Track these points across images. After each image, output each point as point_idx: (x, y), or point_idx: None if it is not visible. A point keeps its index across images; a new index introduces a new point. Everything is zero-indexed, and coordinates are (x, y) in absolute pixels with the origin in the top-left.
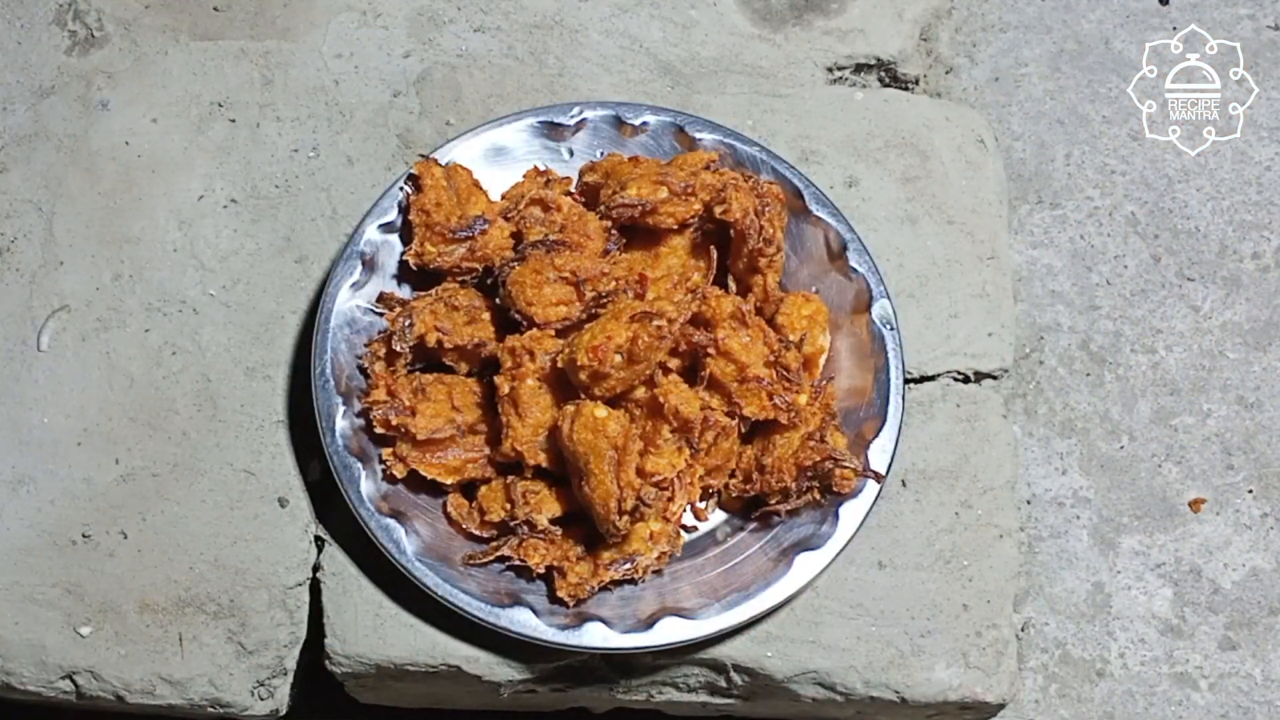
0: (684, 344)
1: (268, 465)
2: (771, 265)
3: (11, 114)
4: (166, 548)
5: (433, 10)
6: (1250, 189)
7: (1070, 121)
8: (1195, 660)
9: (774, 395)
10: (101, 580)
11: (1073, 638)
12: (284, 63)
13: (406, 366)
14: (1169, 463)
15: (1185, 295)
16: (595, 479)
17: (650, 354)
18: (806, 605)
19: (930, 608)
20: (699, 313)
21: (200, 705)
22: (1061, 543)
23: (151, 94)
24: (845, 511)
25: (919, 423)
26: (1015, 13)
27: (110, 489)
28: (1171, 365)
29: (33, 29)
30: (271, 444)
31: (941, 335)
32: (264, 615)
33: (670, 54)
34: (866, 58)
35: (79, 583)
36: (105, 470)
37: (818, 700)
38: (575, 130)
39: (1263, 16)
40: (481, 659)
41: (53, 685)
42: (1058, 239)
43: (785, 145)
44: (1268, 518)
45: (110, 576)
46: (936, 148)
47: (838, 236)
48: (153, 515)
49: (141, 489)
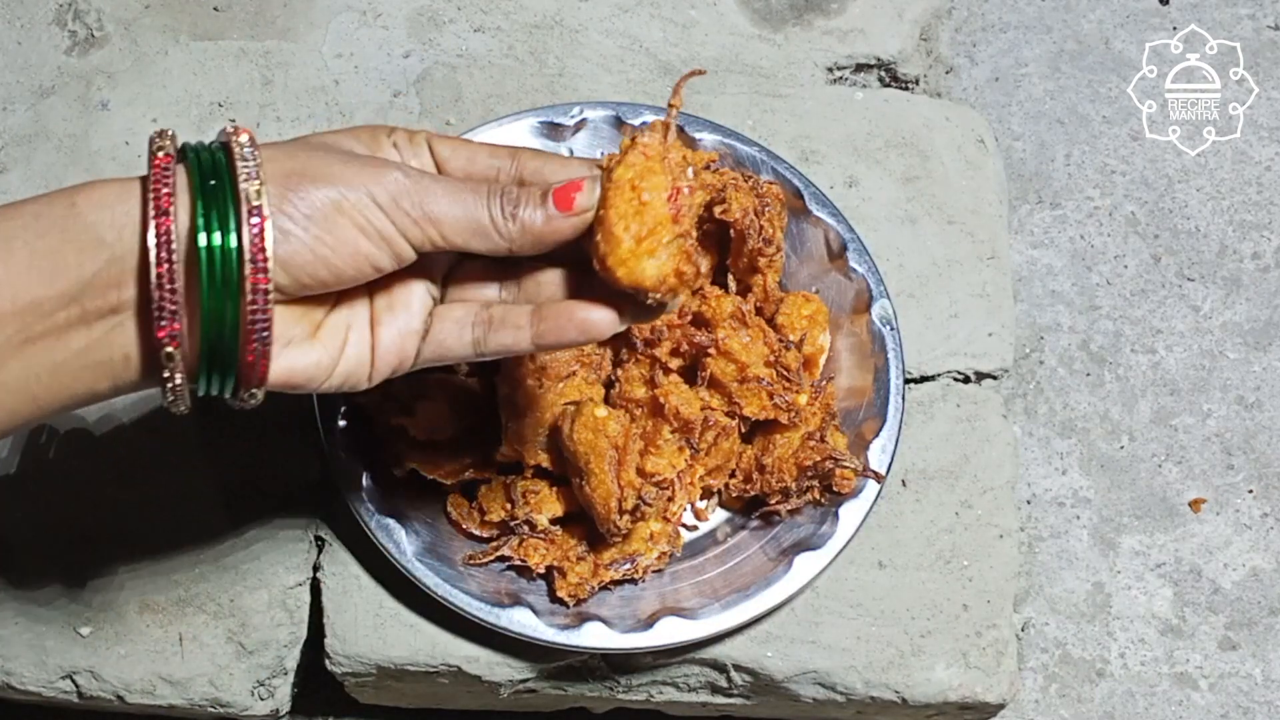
0: (684, 344)
1: (267, 465)
2: (771, 265)
3: (11, 114)
4: (166, 547)
5: (433, 10)
6: (1250, 189)
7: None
8: (1195, 660)
9: (774, 395)
10: (101, 580)
11: (1073, 638)
12: (284, 63)
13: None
14: (1169, 463)
15: (1185, 295)
16: (595, 479)
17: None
18: (806, 605)
19: (930, 608)
20: (699, 313)
21: (200, 705)
22: (1061, 543)
23: (151, 94)
24: (845, 511)
25: (919, 423)
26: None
27: (110, 488)
28: (1172, 365)
29: (33, 29)
30: (271, 444)
31: (941, 335)
32: (264, 615)
33: (670, 54)
34: (867, 58)
35: (79, 583)
36: (105, 469)
37: (818, 700)
38: (575, 130)
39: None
40: (481, 659)
41: (53, 685)
42: (1058, 239)
43: (785, 145)
44: (1268, 518)
45: (110, 576)
46: (936, 148)
47: (838, 236)
48: (152, 515)
49: (140, 488)
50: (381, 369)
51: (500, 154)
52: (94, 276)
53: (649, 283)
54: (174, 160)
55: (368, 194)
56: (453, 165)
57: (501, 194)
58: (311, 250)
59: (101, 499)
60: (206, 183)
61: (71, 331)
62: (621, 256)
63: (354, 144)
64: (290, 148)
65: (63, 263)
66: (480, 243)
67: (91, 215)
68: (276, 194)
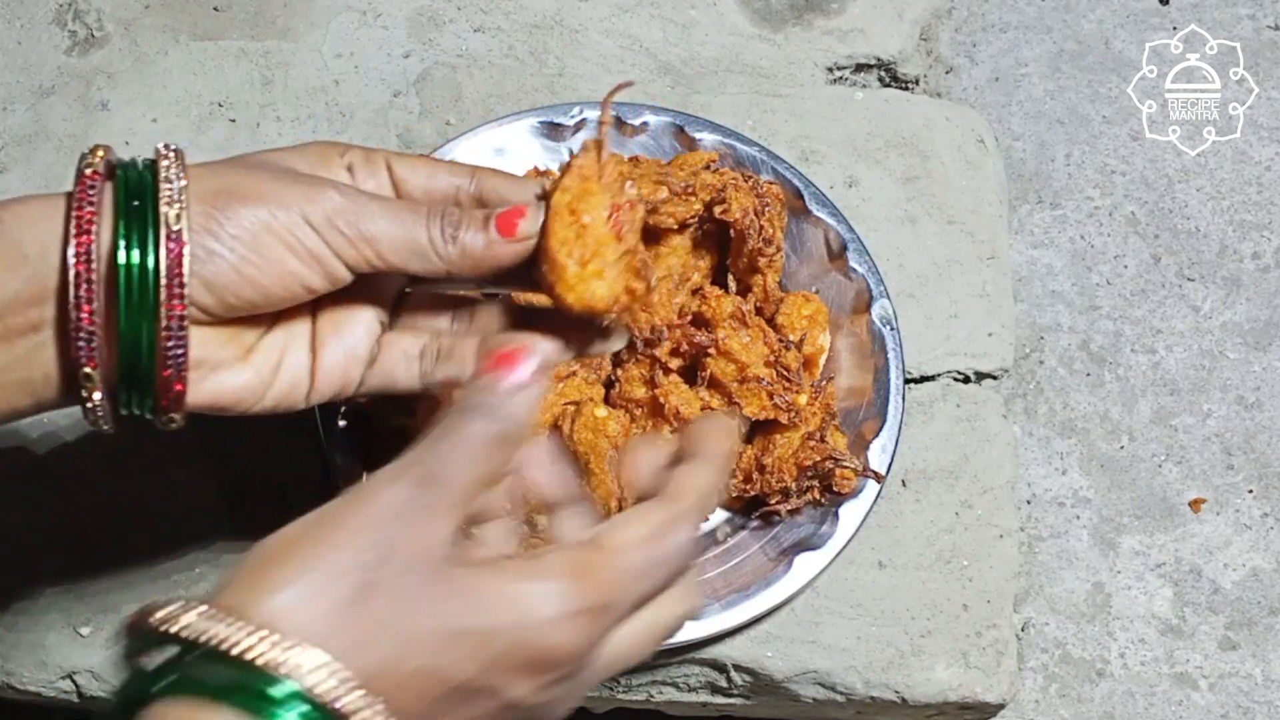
0: (684, 344)
1: (267, 465)
2: (771, 265)
3: (11, 114)
4: (166, 548)
5: (433, 10)
6: (1250, 189)
7: (1070, 121)
8: (1195, 660)
9: (774, 395)
10: (101, 580)
11: (1073, 638)
12: (284, 63)
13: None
14: (1169, 463)
15: (1185, 295)
16: (596, 478)
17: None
18: (806, 605)
19: (930, 608)
20: (699, 313)
21: None
22: (1062, 543)
23: (151, 94)
24: (845, 511)
25: (919, 423)
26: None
27: (109, 488)
28: (1172, 365)
29: (32, 29)
30: (271, 444)
31: (941, 335)
32: None
33: (670, 54)
34: (867, 58)
35: (79, 583)
36: (105, 469)
37: (818, 700)
38: (575, 130)
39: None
40: None
41: (53, 685)
42: (1058, 239)
43: (785, 145)
44: (1268, 518)
45: (110, 577)
46: (937, 148)
47: (838, 236)
48: (152, 515)
49: (141, 488)
50: (322, 391)
51: (460, 172)
52: (15, 295)
53: (601, 304)
54: (102, 178)
55: (300, 213)
56: (411, 184)
57: (443, 215)
58: (237, 270)
59: (101, 499)
60: (130, 203)
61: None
62: (569, 282)
63: (298, 162)
64: (223, 166)
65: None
66: (418, 263)
67: (16, 232)
68: (202, 214)
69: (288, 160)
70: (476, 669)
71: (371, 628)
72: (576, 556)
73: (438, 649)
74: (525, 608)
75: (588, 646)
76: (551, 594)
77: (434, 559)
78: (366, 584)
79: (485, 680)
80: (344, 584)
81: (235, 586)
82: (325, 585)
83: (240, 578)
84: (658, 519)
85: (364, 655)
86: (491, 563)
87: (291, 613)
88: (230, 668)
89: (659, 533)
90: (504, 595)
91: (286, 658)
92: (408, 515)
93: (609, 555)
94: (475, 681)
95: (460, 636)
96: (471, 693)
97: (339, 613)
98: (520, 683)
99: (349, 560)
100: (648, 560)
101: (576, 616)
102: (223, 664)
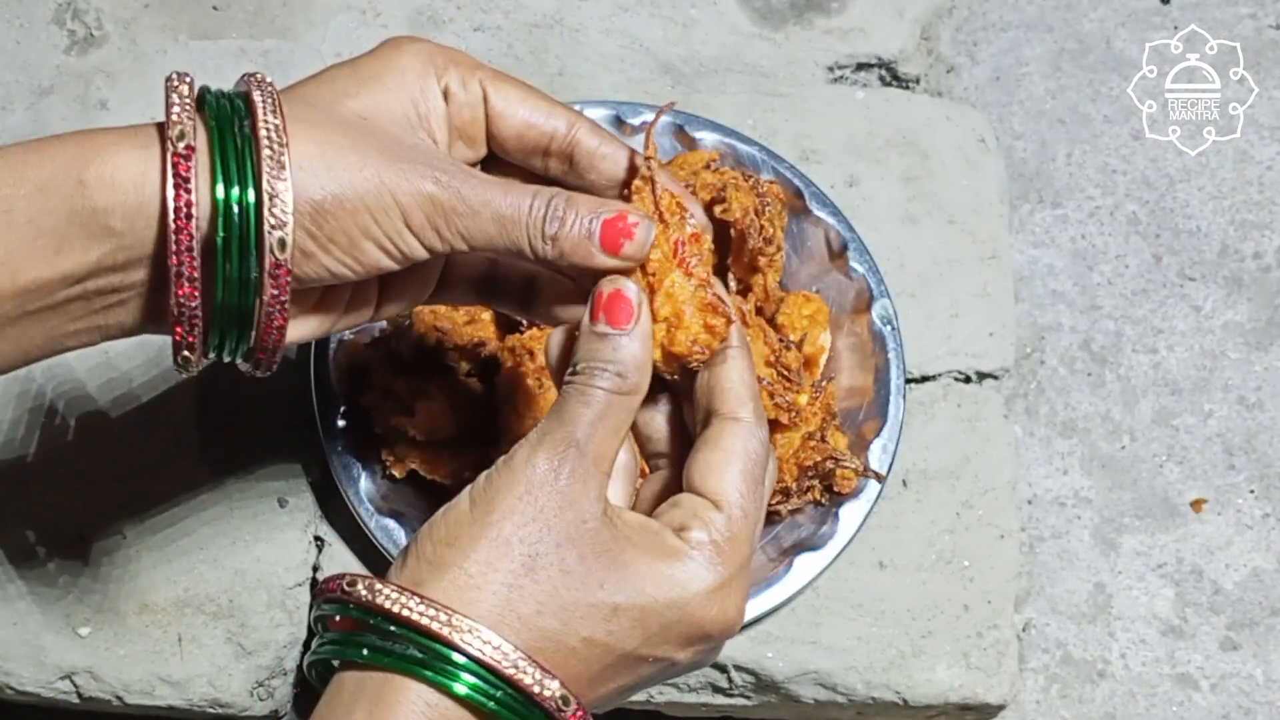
0: None
1: (267, 465)
2: (771, 265)
3: (11, 113)
4: (165, 548)
5: (433, 10)
6: (1251, 189)
7: (1071, 121)
8: (1197, 661)
9: (774, 395)
10: (101, 580)
11: (1074, 638)
12: (283, 62)
13: (405, 366)
14: (1170, 463)
15: (1186, 295)
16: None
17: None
18: (807, 605)
19: (931, 608)
20: None
21: (200, 706)
22: (1062, 543)
23: (151, 93)
24: (845, 512)
25: (919, 423)
26: (1016, 12)
27: (110, 488)
28: (1173, 365)
29: (32, 28)
30: (271, 444)
31: (942, 335)
32: (263, 615)
33: (670, 53)
34: (867, 57)
35: (78, 583)
36: (105, 469)
37: (819, 701)
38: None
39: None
40: None
41: (52, 685)
42: (1059, 238)
43: (785, 145)
44: (1269, 518)
45: (109, 577)
46: (937, 147)
47: (838, 236)
48: (152, 515)
49: (140, 488)
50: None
51: (557, 115)
52: (98, 261)
53: (685, 351)
54: (194, 152)
55: (401, 217)
56: (504, 126)
57: (545, 216)
58: (330, 270)
59: (101, 499)
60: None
61: (71, 305)
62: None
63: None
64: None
65: (68, 246)
66: (509, 257)
67: (101, 199)
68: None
69: (388, 103)
70: (640, 640)
71: (542, 600)
72: (714, 530)
73: (602, 621)
74: (681, 589)
75: (737, 614)
76: (704, 573)
77: (589, 531)
78: (531, 556)
79: (649, 650)
80: (511, 559)
81: (413, 566)
82: (495, 560)
83: (417, 556)
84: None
85: (535, 626)
86: (640, 533)
87: (467, 589)
88: (415, 642)
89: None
90: (659, 574)
91: (467, 629)
92: (557, 485)
93: (737, 521)
94: (640, 651)
95: (622, 611)
96: (637, 660)
97: (510, 587)
98: (682, 651)
99: (511, 533)
100: (759, 505)
101: (725, 587)
102: (409, 638)
